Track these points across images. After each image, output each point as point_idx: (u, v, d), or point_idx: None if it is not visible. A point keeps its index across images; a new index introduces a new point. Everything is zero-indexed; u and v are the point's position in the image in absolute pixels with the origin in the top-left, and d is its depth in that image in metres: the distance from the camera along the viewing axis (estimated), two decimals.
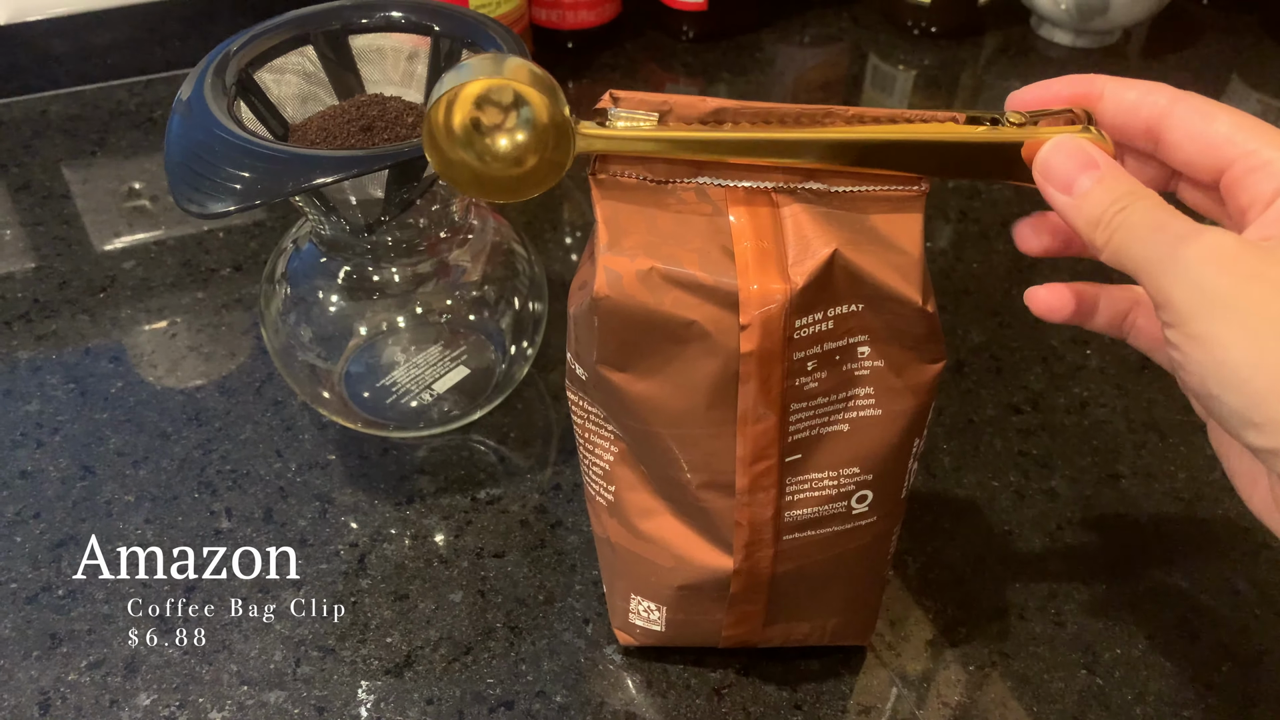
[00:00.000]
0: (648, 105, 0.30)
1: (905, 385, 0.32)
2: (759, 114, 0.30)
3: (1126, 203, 0.27)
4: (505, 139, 0.29)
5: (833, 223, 0.30)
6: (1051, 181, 0.29)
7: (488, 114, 0.28)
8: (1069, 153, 0.29)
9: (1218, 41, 0.81)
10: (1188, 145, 0.29)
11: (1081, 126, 0.29)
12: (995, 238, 0.62)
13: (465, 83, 0.28)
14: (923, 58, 0.79)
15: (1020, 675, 0.40)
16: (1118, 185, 0.28)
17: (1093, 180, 0.28)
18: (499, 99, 0.28)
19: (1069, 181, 0.28)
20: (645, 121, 0.29)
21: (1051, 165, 0.29)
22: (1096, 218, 0.28)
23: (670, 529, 0.35)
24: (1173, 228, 0.26)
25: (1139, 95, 0.30)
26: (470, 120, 0.28)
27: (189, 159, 0.36)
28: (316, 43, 0.44)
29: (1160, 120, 0.30)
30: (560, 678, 0.40)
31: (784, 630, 0.38)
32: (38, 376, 0.52)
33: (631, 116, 0.29)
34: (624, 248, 0.30)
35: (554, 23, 0.74)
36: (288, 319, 0.46)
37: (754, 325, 0.29)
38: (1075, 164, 0.28)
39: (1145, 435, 0.50)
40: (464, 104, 0.28)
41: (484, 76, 0.28)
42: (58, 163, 0.66)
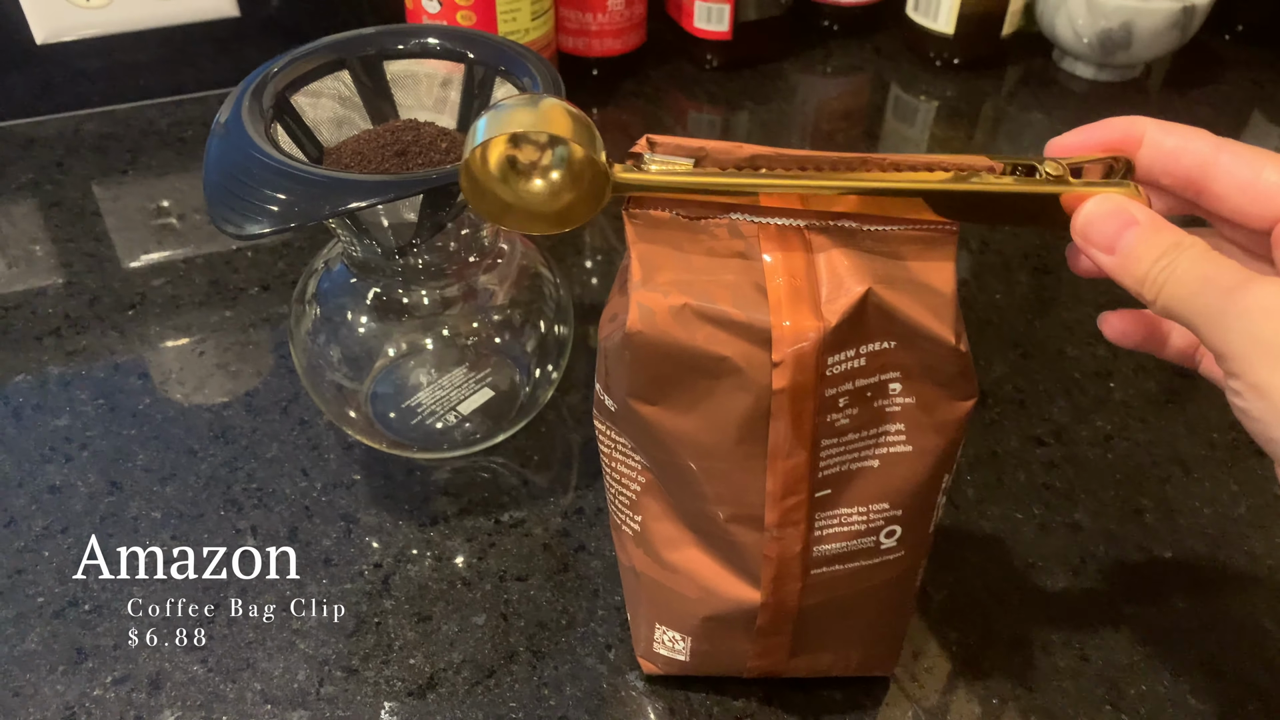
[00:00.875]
0: (683, 150, 0.30)
1: (936, 422, 0.32)
2: (794, 161, 0.30)
3: (1171, 257, 0.27)
4: (541, 180, 0.29)
5: (866, 260, 0.30)
6: (1093, 243, 0.29)
7: (524, 155, 0.29)
8: (1109, 213, 0.29)
9: (1240, 76, 0.81)
10: (1237, 195, 0.30)
11: (1119, 178, 0.29)
12: (1017, 269, 0.62)
13: (502, 128, 0.28)
14: (945, 89, 0.79)
15: (1043, 710, 0.40)
16: (1160, 240, 0.28)
17: (1135, 237, 0.28)
18: (536, 142, 0.28)
19: (1111, 243, 0.28)
20: (680, 166, 0.30)
21: (1092, 227, 0.29)
22: (1143, 275, 0.28)
23: (697, 560, 0.35)
24: (1221, 279, 0.27)
25: (1179, 141, 0.30)
26: (507, 163, 0.29)
27: (227, 181, 0.37)
28: (352, 68, 0.44)
29: (1204, 170, 0.30)
30: (583, 703, 0.40)
31: (809, 661, 0.38)
32: (67, 392, 0.52)
33: (667, 161, 0.30)
34: (657, 284, 0.30)
35: (580, 50, 0.75)
36: (317, 339, 0.47)
37: (786, 362, 0.30)
38: (1116, 224, 0.28)
39: (1169, 469, 0.50)
40: (501, 148, 0.28)
41: (521, 122, 0.28)
42: (89, 181, 0.67)
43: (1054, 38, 0.79)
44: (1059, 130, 0.32)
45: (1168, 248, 0.28)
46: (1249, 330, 0.26)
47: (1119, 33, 0.74)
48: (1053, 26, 0.78)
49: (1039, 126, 0.75)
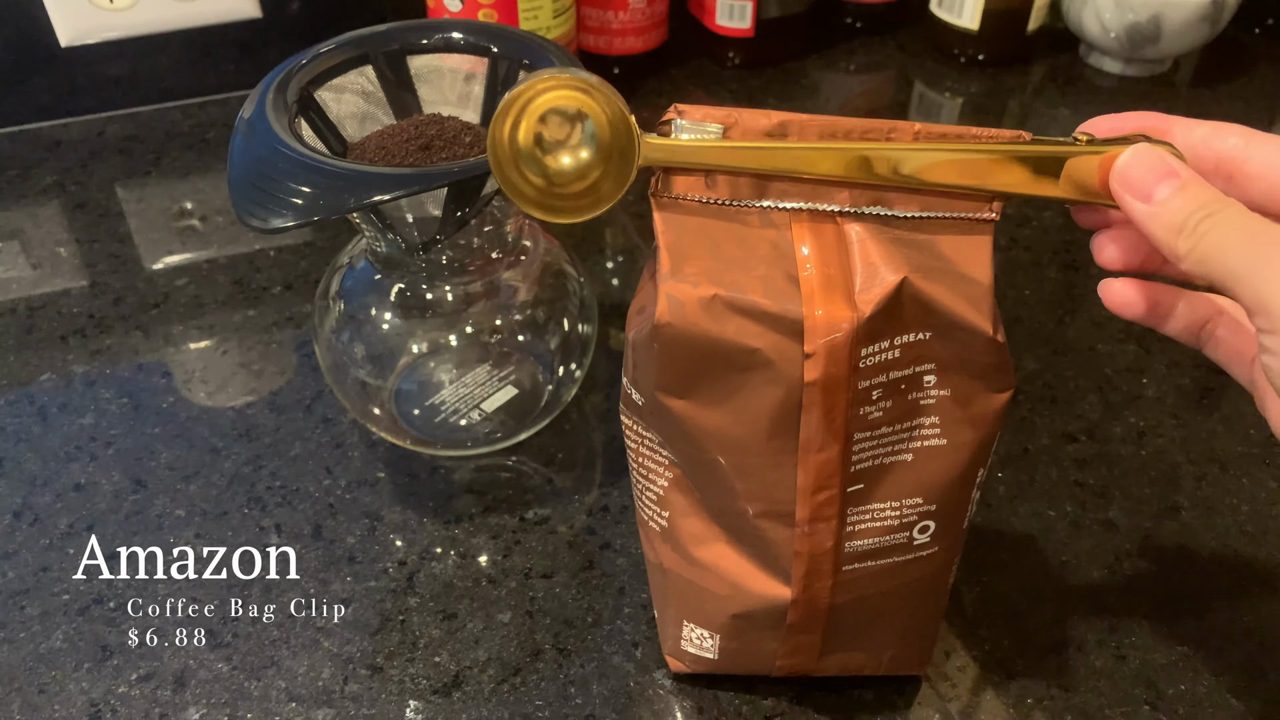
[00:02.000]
0: (713, 118, 0.30)
1: (971, 415, 0.31)
2: (824, 127, 0.29)
3: (1213, 209, 0.27)
4: (569, 153, 0.29)
5: (900, 248, 0.29)
6: (1130, 190, 0.28)
7: (551, 126, 0.28)
8: (1149, 162, 0.28)
9: (1271, 71, 0.80)
10: (1270, 175, 0.29)
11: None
12: (1047, 265, 0.61)
13: (529, 93, 0.28)
14: (970, 85, 0.78)
15: (1080, 710, 0.39)
16: (1201, 193, 0.27)
17: (1173, 188, 0.28)
18: (563, 108, 0.28)
19: (1148, 190, 0.28)
20: (710, 133, 0.29)
21: (1130, 173, 0.28)
22: (1179, 224, 0.27)
23: (726, 557, 0.35)
24: (1270, 234, 0.26)
25: (1209, 131, 0.30)
26: (535, 132, 0.28)
27: (251, 175, 0.37)
28: (376, 63, 0.44)
29: (1235, 155, 0.30)
30: (610, 701, 0.39)
31: (840, 660, 0.37)
32: (92, 391, 0.53)
33: (697, 128, 0.29)
34: (686, 274, 0.29)
35: (601, 49, 0.75)
36: (341, 336, 0.47)
37: (819, 354, 0.29)
38: (1155, 173, 0.28)
39: (1206, 467, 0.49)
40: (529, 115, 0.28)
41: (548, 86, 0.28)
42: (113, 182, 0.68)
43: (1080, 32, 0.78)
44: None
45: (1208, 200, 0.27)
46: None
47: (1147, 26, 0.73)
48: (1079, 21, 0.77)
49: (1065, 123, 0.74)
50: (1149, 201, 0.28)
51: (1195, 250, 0.27)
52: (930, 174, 0.29)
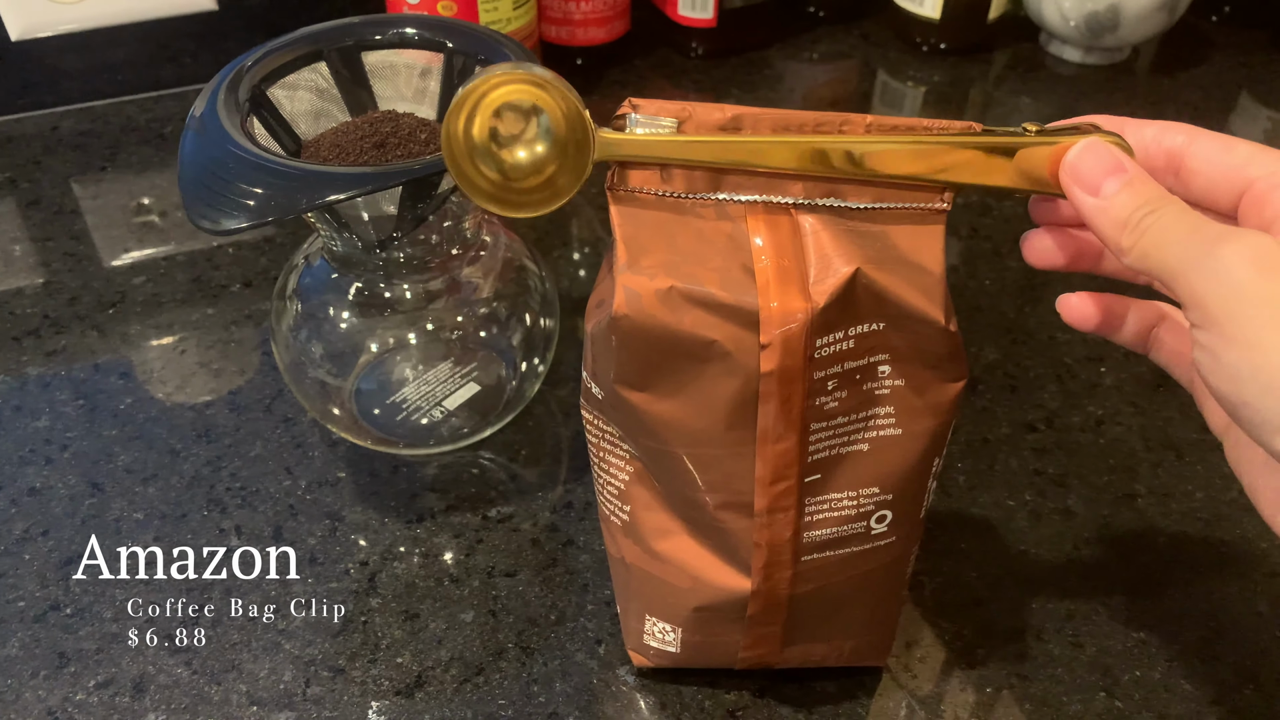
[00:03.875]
0: (667, 111, 0.30)
1: (926, 404, 0.32)
2: (778, 120, 0.30)
3: (1157, 205, 0.27)
4: (524, 147, 0.29)
5: (854, 240, 0.29)
6: (1079, 183, 0.29)
7: (506, 120, 0.28)
8: (1098, 156, 0.29)
9: (1228, 58, 0.81)
10: (1209, 170, 0.30)
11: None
12: (1007, 254, 0.61)
13: (483, 87, 0.28)
14: (932, 74, 0.79)
15: (1038, 698, 0.40)
16: (1147, 188, 0.28)
17: (1121, 183, 0.28)
18: (517, 103, 0.28)
19: (1096, 183, 0.28)
20: (665, 128, 0.29)
21: (1080, 167, 0.29)
22: (1124, 219, 0.28)
23: (687, 549, 0.35)
24: (1208, 230, 0.27)
25: (1158, 131, 0.31)
26: (489, 126, 0.28)
27: (203, 175, 0.36)
28: (329, 59, 0.43)
29: (1180, 151, 0.30)
30: (573, 699, 0.39)
31: (801, 651, 0.38)
32: (47, 393, 0.52)
33: (651, 122, 0.29)
34: (643, 266, 0.30)
35: (564, 39, 0.74)
36: (298, 335, 0.46)
37: (774, 344, 0.29)
38: (1103, 167, 0.28)
39: (1162, 454, 0.49)
40: (484, 110, 0.28)
41: (502, 81, 0.28)
42: (68, 178, 0.66)
43: (1041, 21, 0.78)
44: (1047, 114, 0.32)
45: (1152, 196, 0.28)
46: (1231, 279, 0.25)
47: (1106, 15, 0.74)
48: (1039, 10, 0.77)
49: (1027, 111, 0.75)
50: (1097, 195, 0.28)
51: (1138, 246, 0.28)
52: (883, 165, 0.29)
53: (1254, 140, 0.30)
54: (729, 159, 0.29)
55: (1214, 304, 0.26)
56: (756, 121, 0.30)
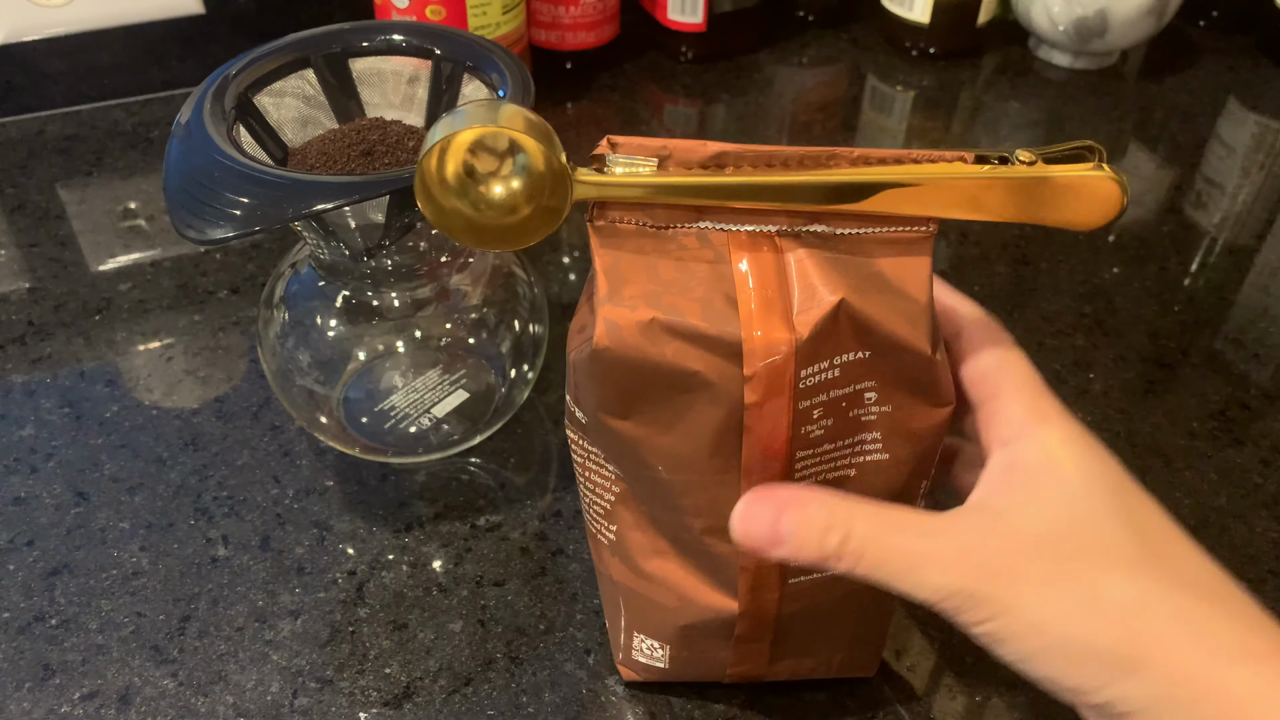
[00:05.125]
0: (646, 150, 0.29)
1: (912, 430, 0.31)
2: (761, 157, 0.29)
3: (842, 520, 0.28)
4: (500, 186, 0.28)
5: (838, 269, 0.29)
6: (757, 542, 0.29)
7: (482, 162, 0.27)
8: (755, 503, 0.29)
9: (1215, 63, 0.81)
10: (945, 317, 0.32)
11: (1094, 164, 0.29)
12: (996, 260, 0.61)
13: (458, 131, 0.27)
14: (921, 79, 0.79)
15: (1027, 706, 0.40)
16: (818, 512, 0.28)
17: (796, 519, 0.28)
18: (494, 146, 0.27)
19: (772, 534, 0.28)
20: (644, 167, 0.29)
21: (752, 524, 0.29)
22: (825, 556, 0.28)
23: (674, 570, 0.35)
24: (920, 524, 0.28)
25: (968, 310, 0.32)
26: (464, 168, 0.27)
27: (188, 184, 0.36)
28: (316, 66, 0.43)
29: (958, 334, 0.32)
30: (562, 710, 0.39)
31: (790, 666, 0.38)
32: (32, 400, 0.51)
33: (630, 162, 0.29)
34: (624, 298, 0.29)
35: (553, 44, 0.74)
36: (286, 343, 0.46)
37: (758, 376, 0.29)
38: (770, 510, 0.29)
39: (1150, 460, 0.49)
40: (457, 152, 0.27)
41: (478, 124, 0.27)
42: (53, 183, 0.66)
43: (1030, 26, 0.79)
44: (1036, 119, 0.31)
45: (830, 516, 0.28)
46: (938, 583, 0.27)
47: (1094, 20, 0.74)
48: (1028, 14, 0.78)
49: (1016, 115, 0.75)
50: (782, 545, 0.28)
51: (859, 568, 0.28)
52: (870, 204, 0.29)
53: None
54: (708, 199, 0.29)
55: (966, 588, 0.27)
56: (739, 158, 0.29)
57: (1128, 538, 0.26)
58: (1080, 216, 0.29)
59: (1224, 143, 0.72)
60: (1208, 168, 0.70)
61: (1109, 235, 0.63)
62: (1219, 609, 0.26)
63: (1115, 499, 0.27)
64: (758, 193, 0.29)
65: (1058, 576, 0.26)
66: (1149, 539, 0.27)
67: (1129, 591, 0.26)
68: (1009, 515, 0.27)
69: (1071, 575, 0.26)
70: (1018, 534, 0.27)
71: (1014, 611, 0.26)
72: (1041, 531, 0.27)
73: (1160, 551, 0.26)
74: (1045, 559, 0.26)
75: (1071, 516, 0.27)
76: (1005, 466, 0.29)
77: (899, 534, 0.28)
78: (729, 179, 0.29)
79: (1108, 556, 0.26)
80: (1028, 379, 0.30)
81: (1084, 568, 0.26)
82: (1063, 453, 0.28)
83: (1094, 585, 0.26)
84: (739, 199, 0.29)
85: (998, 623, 0.26)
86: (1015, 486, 0.28)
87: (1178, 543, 0.27)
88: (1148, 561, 0.26)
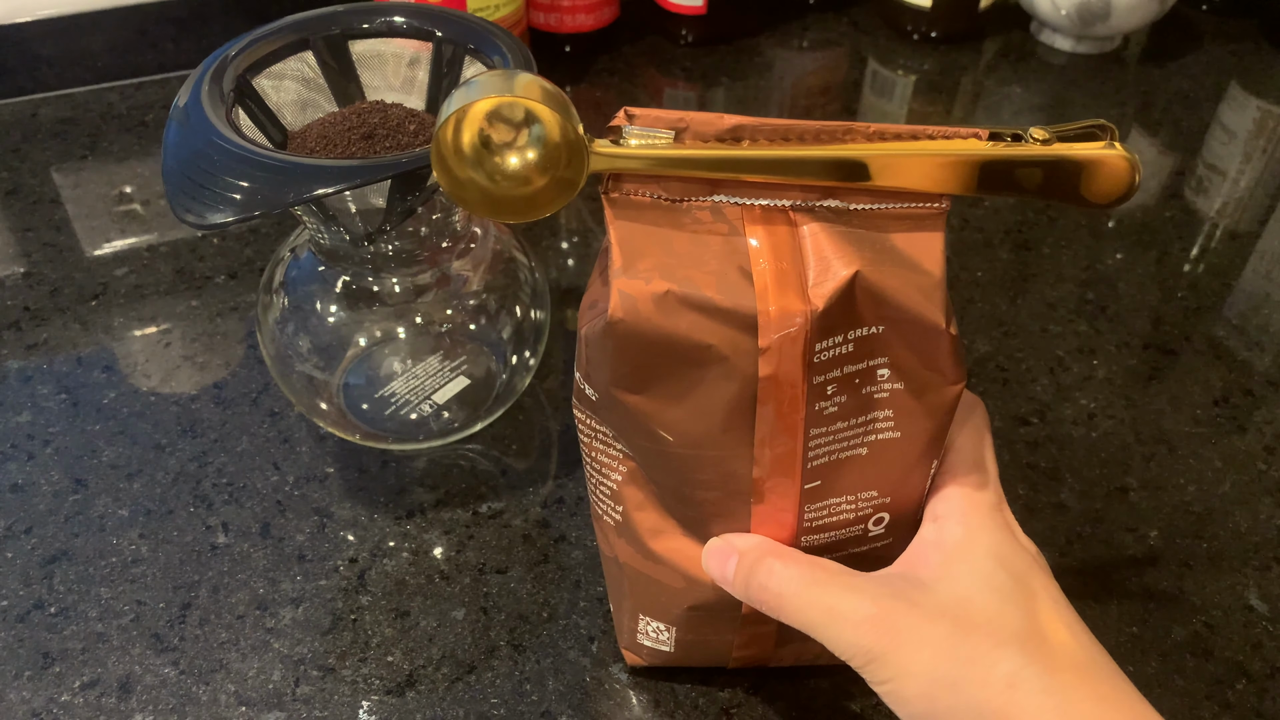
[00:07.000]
0: (663, 122, 0.29)
1: (925, 407, 0.31)
2: (777, 131, 0.29)
3: (765, 565, 0.32)
4: (516, 158, 0.28)
5: (853, 242, 0.29)
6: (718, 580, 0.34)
7: (498, 132, 0.27)
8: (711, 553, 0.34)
9: (1218, 47, 0.81)
10: None
11: (1106, 143, 0.28)
12: (999, 245, 0.61)
13: (474, 101, 0.27)
14: (923, 63, 0.78)
15: None
16: (742, 568, 0.32)
17: (731, 572, 0.33)
18: (510, 117, 0.27)
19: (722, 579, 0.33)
20: (660, 139, 0.29)
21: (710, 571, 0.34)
22: (754, 599, 0.32)
23: (682, 549, 0.34)
24: (819, 606, 0.31)
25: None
26: (480, 139, 0.27)
27: (187, 168, 0.35)
28: (316, 48, 0.43)
29: None
30: (566, 697, 0.39)
31: (795, 650, 0.37)
32: (29, 387, 0.51)
33: (646, 134, 0.29)
34: (639, 270, 0.29)
35: (552, 26, 0.73)
36: (285, 329, 0.45)
37: (773, 349, 0.29)
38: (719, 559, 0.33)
39: (1154, 447, 0.49)
40: (473, 122, 0.27)
41: (494, 94, 0.27)
42: (48, 167, 0.65)
43: (1032, 10, 0.78)
44: (1038, 103, 0.31)
45: (744, 576, 0.32)
46: (848, 639, 0.30)
47: (1097, 4, 0.73)
48: None
49: (1018, 100, 0.74)
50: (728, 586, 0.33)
51: (779, 613, 0.32)
52: (886, 179, 0.29)
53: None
54: (724, 172, 0.29)
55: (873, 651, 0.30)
56: (755, 132, 0.29)
57: (1022, 621, 0.29)
58: (1092, 194, 0.29)
59: (1226, 128, 0.72)
60: (1210, 153, 0.69)
61: (1110, 221, 0.63)
62: (1089, 689, 0.29)
63: (1018, 585, 0.30)
64: (773, 167, 0.29)
65: (956, 648, 0.29)
66: (1040, 623, 0.30)
67: (1013, 666, 0.28)
68: (926, 588, 0.30)
69: (968, 647, 0.29)
70: (929, 605, 0.30)
71: (911, 675, 0.29)
72: (950, 605, 0.30)
73: (1048, 635, 0.29)
74: (948, 631, 0.29)
75: (977, 597, 0.30)
76: (933, 542, 0.32)
77: (821, 589, 0.31)
78: (745, 153, 0.28)
79: (1002, 635, 0.29)
80: (979, 466, 0.33)
81: (979, 640, 0.29)
82: (983, 540, 0.31)
83: (985, 658, 0.29)
84: (754, 173, 0.29)
85: (895, 684, 0.29)
86: (934, 563, 0.31)
87: (1067, 628, 0.30)
88: (1035, 642, 0.29)
